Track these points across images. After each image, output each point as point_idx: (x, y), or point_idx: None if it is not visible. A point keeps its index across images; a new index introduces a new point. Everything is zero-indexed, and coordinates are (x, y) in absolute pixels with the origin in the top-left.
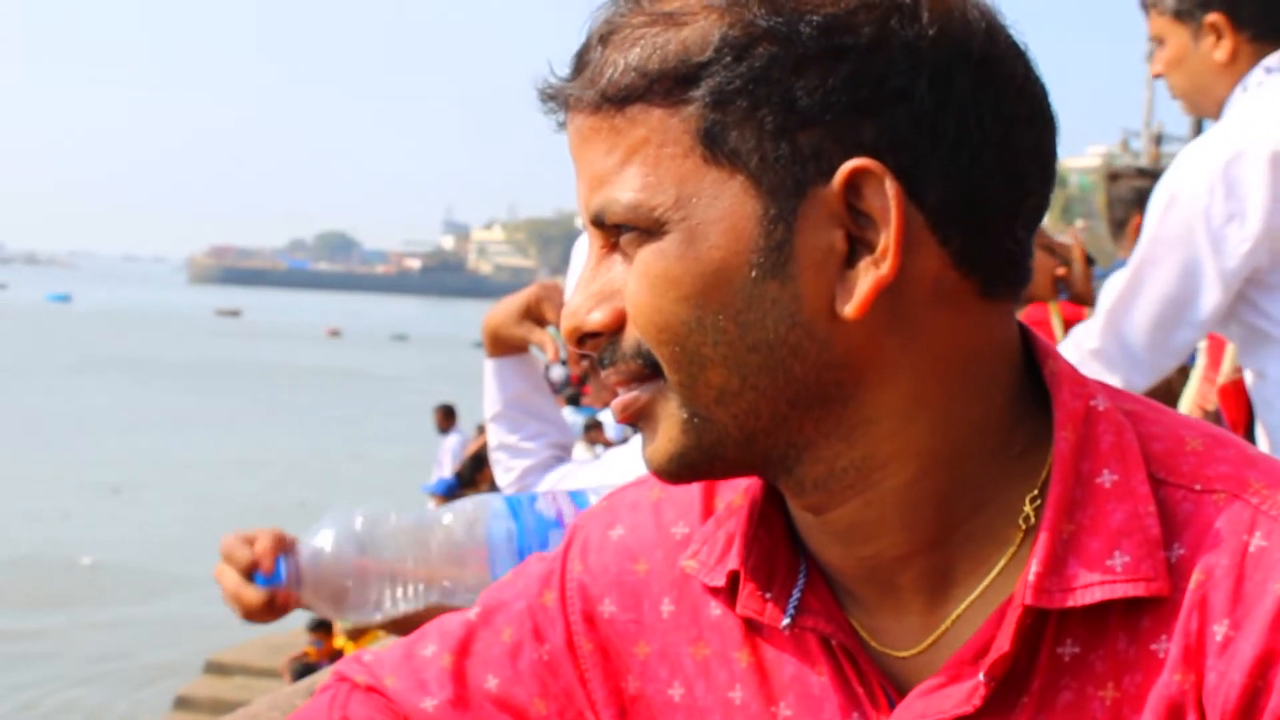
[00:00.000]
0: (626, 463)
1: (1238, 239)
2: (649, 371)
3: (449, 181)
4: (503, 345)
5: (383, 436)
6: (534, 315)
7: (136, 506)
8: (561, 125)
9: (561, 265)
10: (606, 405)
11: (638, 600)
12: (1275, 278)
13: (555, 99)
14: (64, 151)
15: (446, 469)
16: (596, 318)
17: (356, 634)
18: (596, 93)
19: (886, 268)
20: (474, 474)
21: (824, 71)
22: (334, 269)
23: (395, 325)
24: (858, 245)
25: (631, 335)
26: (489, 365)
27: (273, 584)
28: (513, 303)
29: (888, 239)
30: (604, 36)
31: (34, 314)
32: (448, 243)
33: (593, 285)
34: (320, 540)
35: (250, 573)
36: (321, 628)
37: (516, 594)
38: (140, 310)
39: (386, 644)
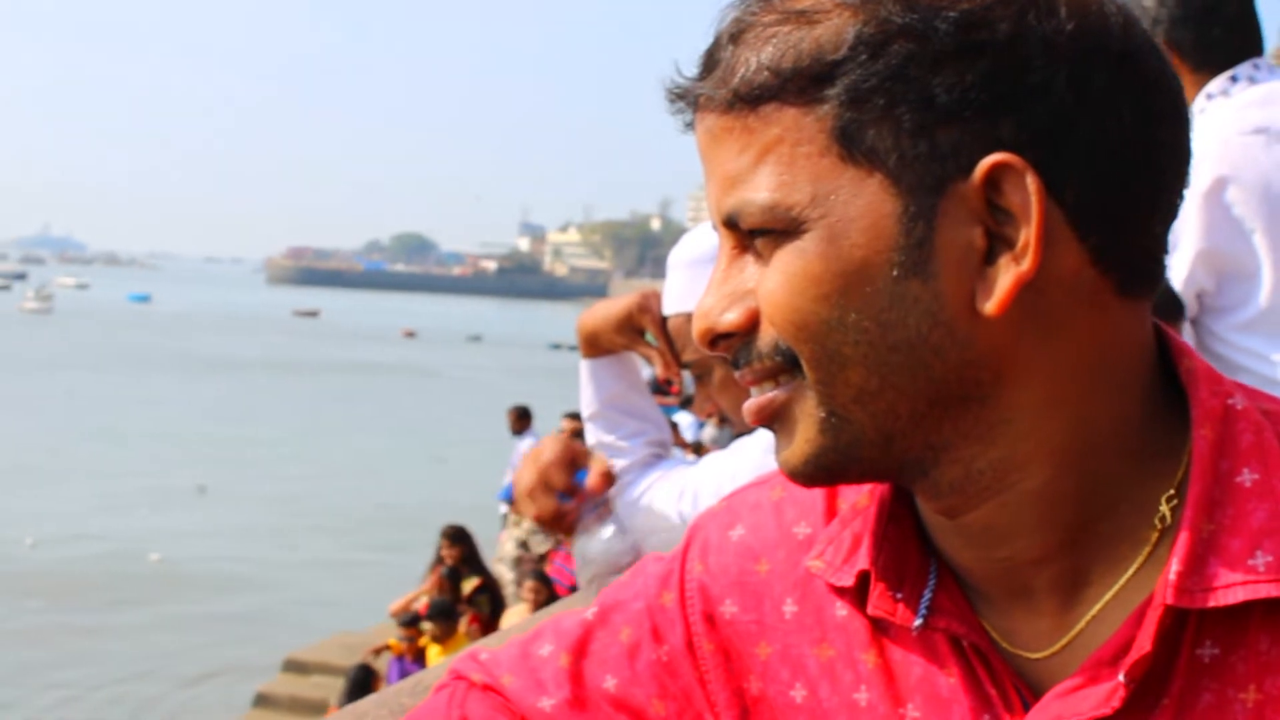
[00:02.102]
0: (751, 455)
1: (1174, 263)
2: (785, 370)
3: (525, 184)
4: (599, 347)
5: (462, 438)
6: (634, 325)
7: (221, 506)
8: (689, 125)
9: (637, 267)
10: (710, 416)
11: (759, 601)
12: (1222, 300)
13: (684, 99)
14: (146, 155)
15: None
16: (730, 318)
17: (443, 636)
18: (729, 92)
19: (1027, 264)
20: None
21: (962, 68)
22: (410, 270)
23: (470, 326)
24: (997, 242)
25: (768, 334)
26: (585, 366)
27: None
28: (612, 310)
29: (1028, 235)
30: (735, 35)
31: (115, 314)
32: (524, 244)
33: (725, 286)
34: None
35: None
36: (412, 624)
37: (635, 594)
38: (219, 311)
39: (498, 642)
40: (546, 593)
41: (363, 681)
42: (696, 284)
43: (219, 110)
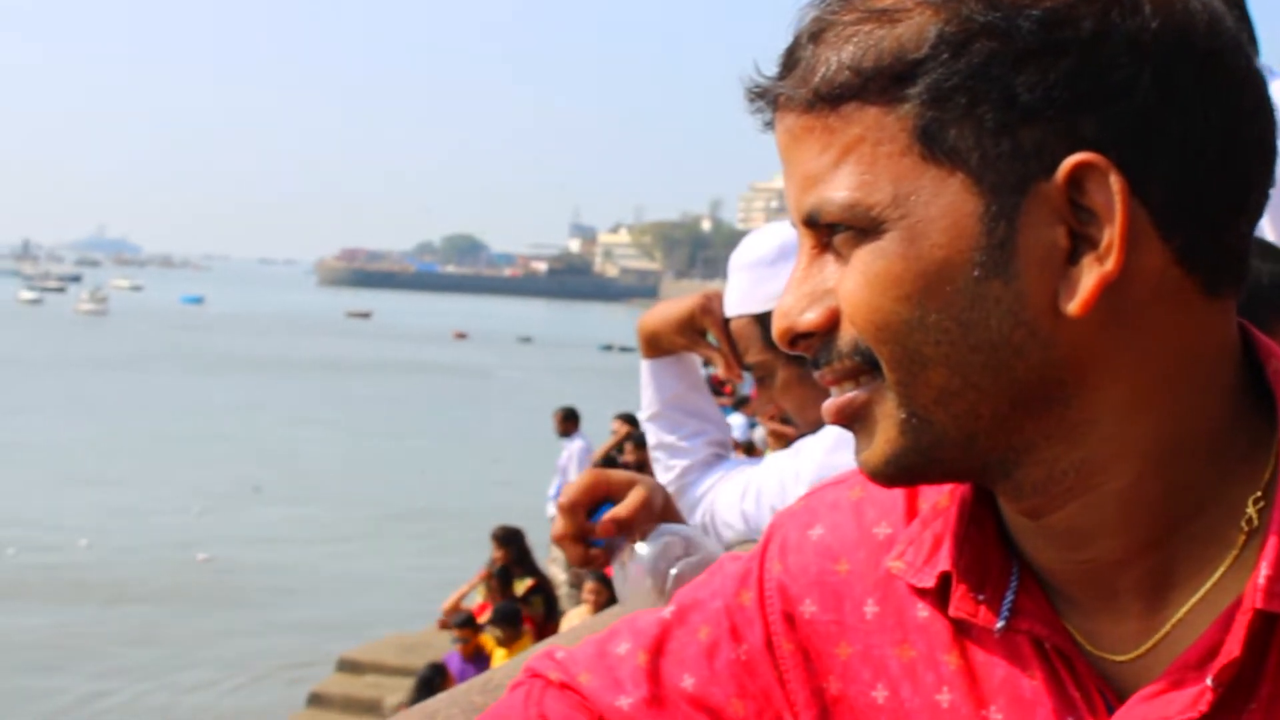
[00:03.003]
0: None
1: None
2: (866, 371)
3: (576, 185)
4: (660, 348)
5: (514, 439)
6: (696, 326)
7: (276, 505)
8: (768, 125)
9: (687, 268)
10: (772, 417)
11: (839, 601)
12: None
13: (763, 98)
14: (199, 158)
15: (570, 473)
16: (810, 318)
17: (508, 641)
18: (809, 91)
19: (1111, 264)
20: None
21: (1045, 66)
22: (461, 272)
23: (521, 328)
24: (1080, 242)
25: (848, 334)
26: (646, 366)
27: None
28: (674, 311)
29: (1112, 235)
30: (815, 34)
31: (169, 315)
32: (574, 246)
33: (805, 285)
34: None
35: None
36: (468, 625)
37: (713, 593)
38: (272, 312)
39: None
40: (608, 594)
41: (431, 680)
42: (758, 286)
43: (271, 115)
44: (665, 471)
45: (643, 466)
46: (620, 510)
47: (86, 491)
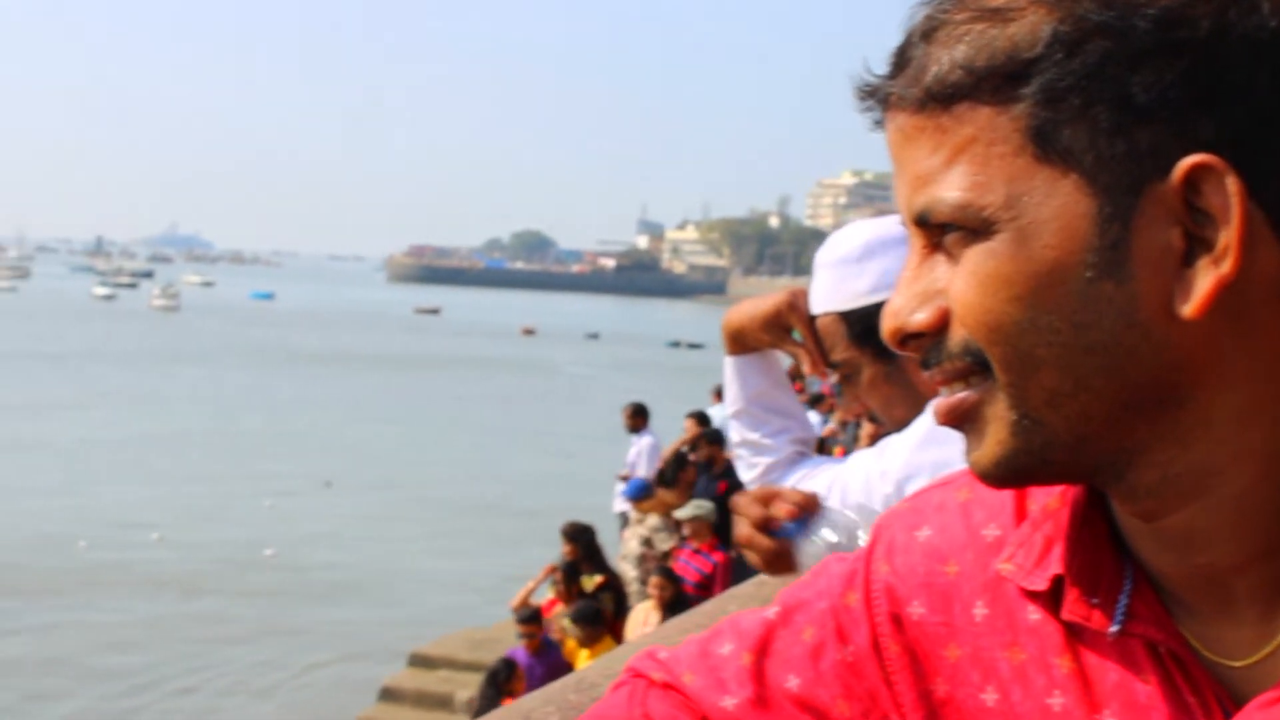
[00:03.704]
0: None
1: None
2: (976, 371)
3: (644, 181)
4: (745, 344)
5: (582, 435)
6: (782, 323)
7: (347, 500)
8: (878, 124)
9: (755, 265)
10: (857, 416)
11: (948, 603)
12: None
13: (873, 97)
14: (270, 156)
15: (640, 469)
16: (920, 318)
17: (589, 641)
18: (920, 90)
19: (1227, 266)
20: (676, 473)
21: (1161, 66)
22: (529, 268)
23: (589, 324)
24: (1195, 244)
25: (958, 334)
26: (730, 363)
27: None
28: (759, 308)
29: (1229, 237)
30: (926, 33)
31: (240, 311)
32: (642, 242)
33: (915, 285)
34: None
35: (764, 526)
36: (532, 621)
37: (818, 594)
38: (341, 308)
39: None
40: (673, 589)
41: (499, 674)
42: (843, 283)
43: (341, 113)
44: (748, 469)
45: (713, 463)
46: (799, 495)
47: (158, 486)
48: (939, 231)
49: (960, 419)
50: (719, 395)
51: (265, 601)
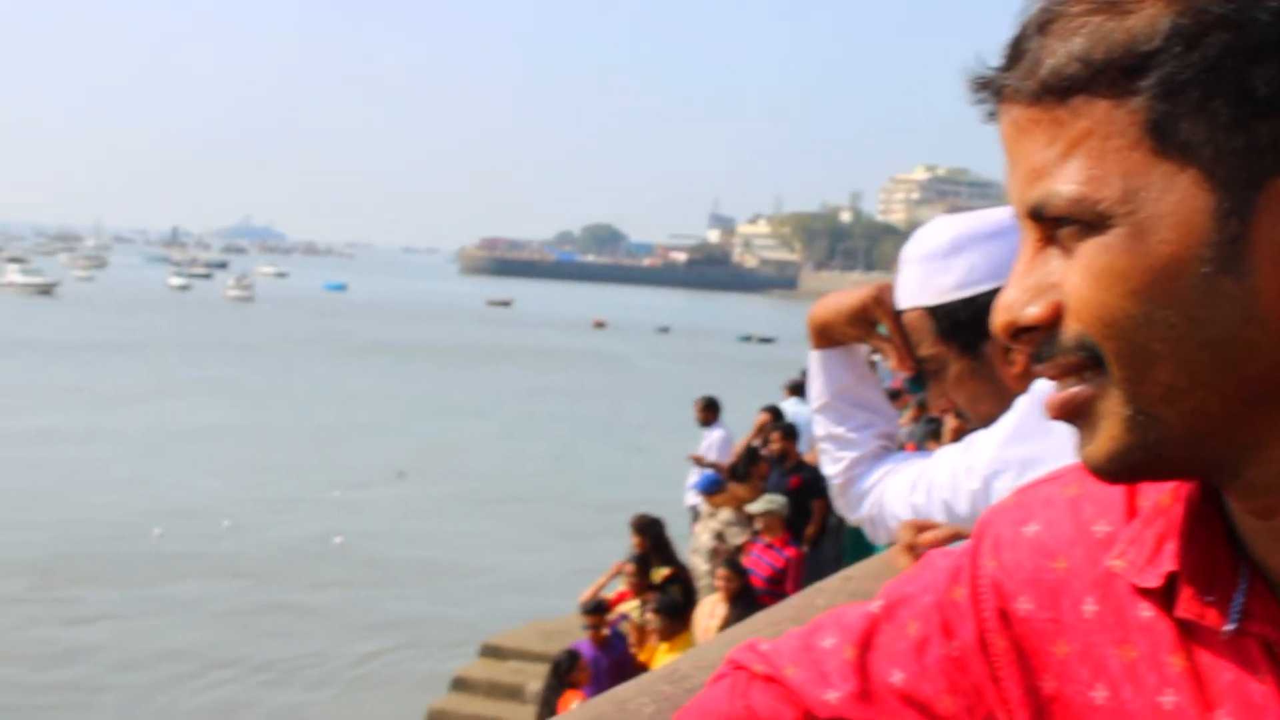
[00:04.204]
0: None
1: None
2: (1090, 366)
3: (715, 175)
4: (830, 338)
5: (653, 428)
6: (868, 317)
7: (419, 490)
8: (991, 116)
9: (826, 259)
10: (944, 411)
11: (1056, 599)
12: None
13: (987, 89)
14: (343, 148)
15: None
16: (1033, 312)
17: (669, 634)
18: (1036, 83)
19: None
20: (748, 468)
21: None
22: (600, 261)
23: (659, 317)
24: None
25: (1072, 328)
26: (815, 357)
27: None
28: (845, 302)
29: None
30: (1042, 25)
31: (313, 302)
32: (713, 236)
33: (1028, 279)
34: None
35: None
36: (596, 612)
37: (922, 588)
38: (413, 300)
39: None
40: (739, 582)
41: (563, 665)
42: (930, 278)
43: (415, 102)
44: (833, 463)
45: (785, 457)
46: (947, 530)
47: (231, 475)
48: (1053, 225)
49: (1073, 414)
50: (791, 390)
51: (337, 591)
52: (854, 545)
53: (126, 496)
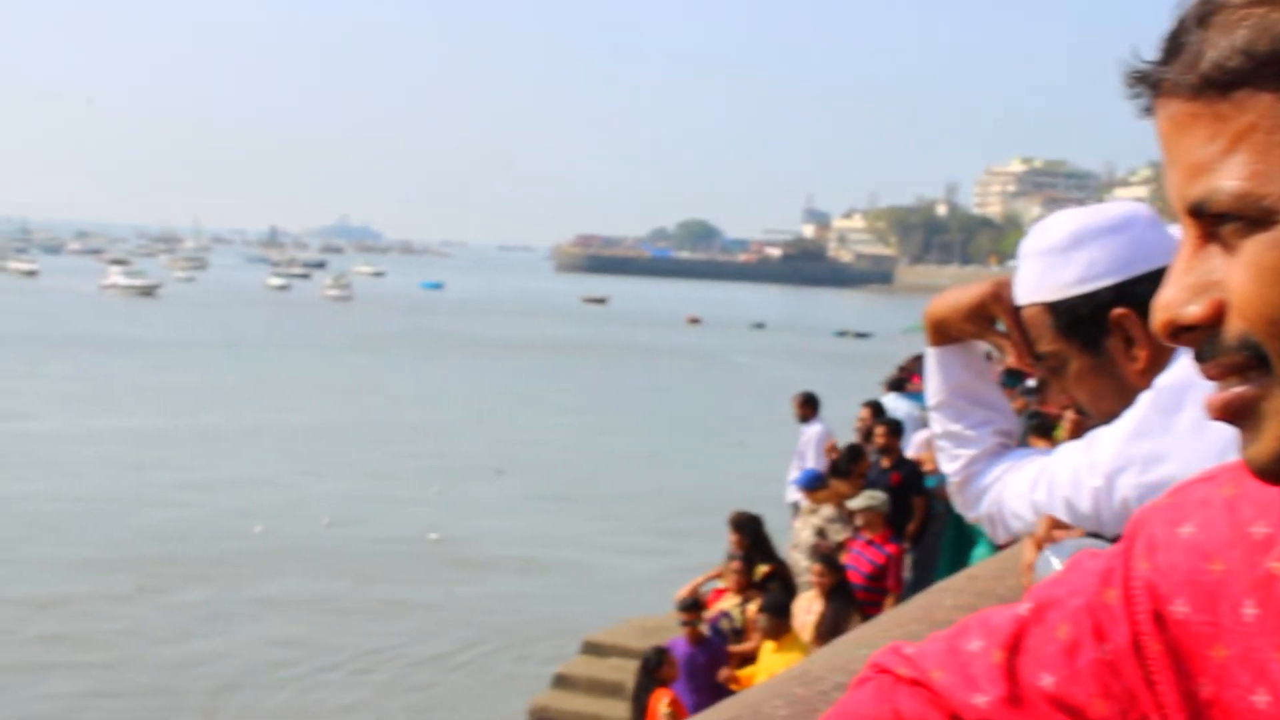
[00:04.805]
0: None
1: None
2: (1254, 366)
3: (810, 170)
4: (947, 335)
5: (750, 424)
6: (986, 313)
7: (518, 487)
8: (1148, 111)
9: (922, 253)
10: (1064, 408)
11: (1213, 601)
12: None
13: (1144, 83)
14: (440, 146)
15: (809, 459)
16: (1193, 310)
17: (775, 633)
18: (1196, 77)
19: None
20: (850, 464)
21: None
22: (695, 257)
23: (754, 313)
24: None
25: (1235, 328)
26: (932, 354)
27: None
28: (963, 298)
29: None
30: (1202, 18)
31: (410, 301)
32: (808, 231)
33: (1188, 277)
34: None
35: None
36: (691, 609)
37: (1072, 590)
38: (509, 298)
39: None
40: (834, 577)
41: (652, 662)
42: (1050, 274)
43: (510, 101)
44: (950, 461)
45: (889, 450)
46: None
47: (330, 471)
48: (1214, 222)
49: (1236, 414)
50: (890, 385)
51: (437, 588)
52: (953, 543)
53: (228, 494)
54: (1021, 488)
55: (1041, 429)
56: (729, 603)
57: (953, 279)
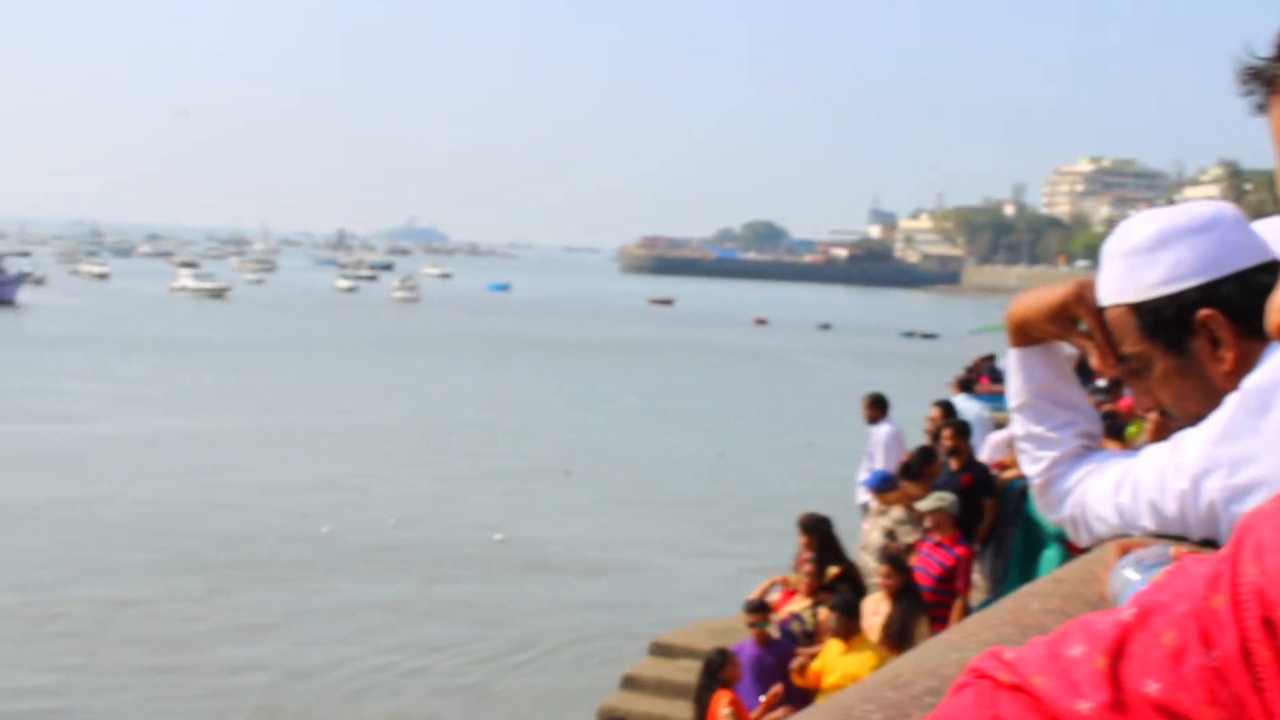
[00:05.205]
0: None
1: None
2: None
3: (876, 170)
4: (1029, 336)
5: (817, 425)
6: (1069, 314)
7: (587, 488)
8: (1260, 108)
9: (990, 254)
10: (1148, 410)
11: None
12: None
13: (1258, 80)
14: (505, 147)
15: (878, 460)
16: None
17: (845, 633)
18: None
19: None
20: (921, 466)
21: None
22: (761, 258)
23: (821, 314)
24: None
25: None
26: (1014, 355)
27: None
28: (1045, 299)
29: None
30: None
31: (477, 302)
32: (875, 231)
33: None
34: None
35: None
36: (758, 610)
37: (1176, 595)
38: (576, 299)
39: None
40: (900, 579)
41: (714, 663)
42: (1134, 274)
43: (575, 102)
44: (1032, 463)
45: (958, 452)
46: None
47: (398, 472)
48: None
49: None
50: (959, 385)
51: (505, 589)
52: (1022, 546)
53: (297, 496)
54: (1105, 490)
55: (1113, 430)
56: (800, 605)
57: (1020, 279)
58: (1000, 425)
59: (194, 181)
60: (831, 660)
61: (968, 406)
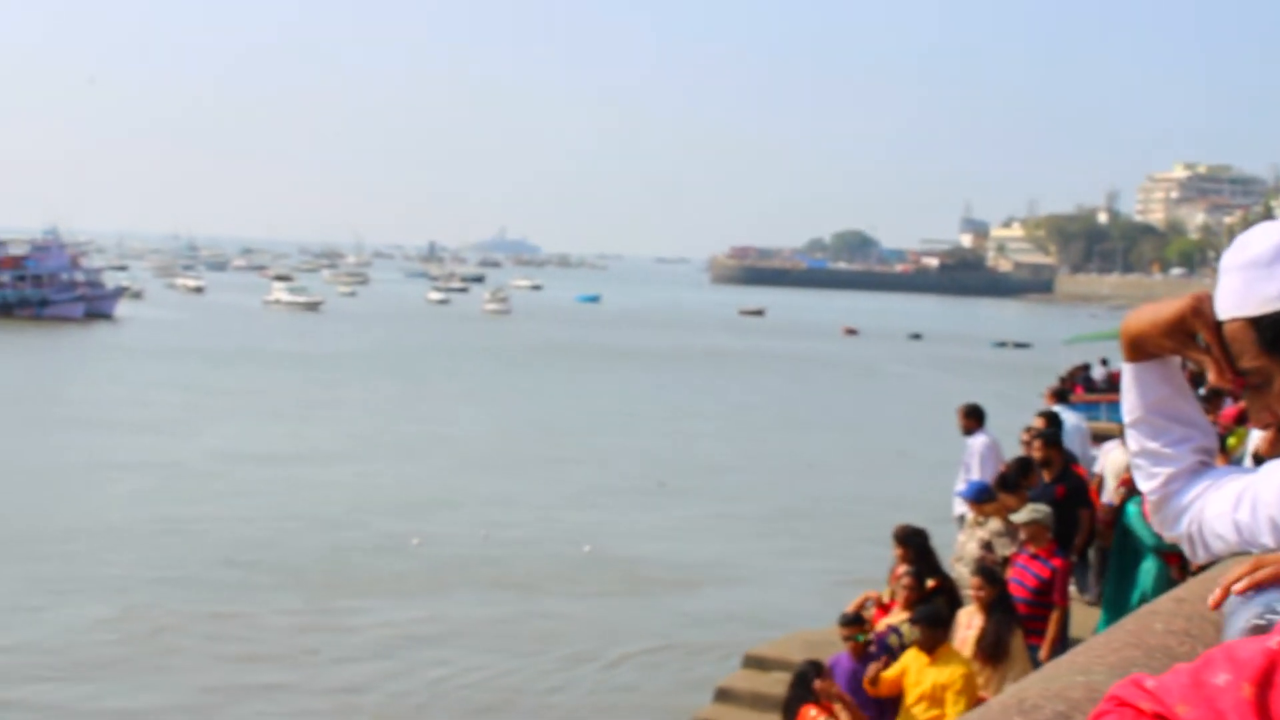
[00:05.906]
0: None
1: None
2: None
3: (967, 179)
4: (1144, 350)
5: (912, 436)
6: (1186, 328)
7: (681, 500)
8: None
9: (1083, 262)
10: (1267, 425)
11: None
12: None
13: None
14: (593, 158)
15: (974, 471)
16: None
17: (929, 645)
18: None
19: None
20: (1019, 478)
21: None
22: (852, 268)
23: (912, 324)
24: None
25: None
26: (1129, 370)
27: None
28: (1161, 313)
29: None
30: None
31: (568, 314)
32: (966, 240)
33: None
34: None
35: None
36: (853, 624)
37: None
38: (666, 310)
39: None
40: (993, 591)
41: (805, 675)
42: (1253, 287)
43: (665, 111)
44: (1148, 479)
45: (1048, 463)
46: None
47: (489, 484)
48: None
49: None
50: (1054, 396)
51: (598, 600)
52: (1118, 558)
53: (388, 506)
54: (1223, 506)
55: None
56: (897, 618)
57: (1114, 288)
58: (1100, 437)
59: (289, 197)
60: (914, 673)
61: (1064, 417)
